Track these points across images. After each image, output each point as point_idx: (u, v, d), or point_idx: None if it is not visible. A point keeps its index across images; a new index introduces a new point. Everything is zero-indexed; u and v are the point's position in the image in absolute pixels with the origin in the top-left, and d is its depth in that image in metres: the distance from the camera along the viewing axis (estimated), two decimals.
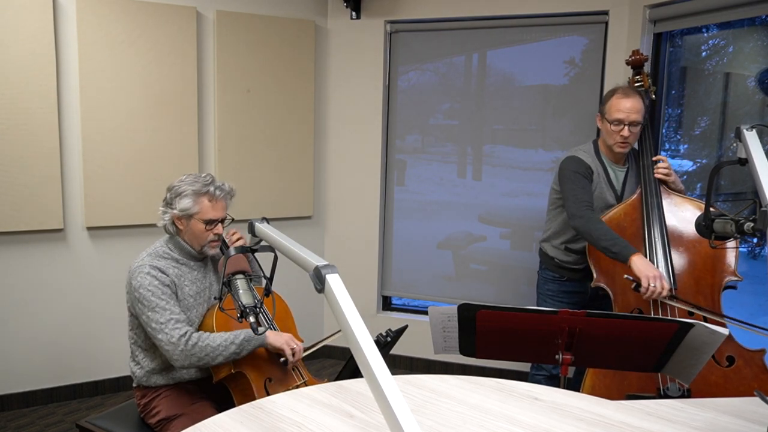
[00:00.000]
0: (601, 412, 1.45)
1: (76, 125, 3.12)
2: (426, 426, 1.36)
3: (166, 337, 1.90)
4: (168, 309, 1.93)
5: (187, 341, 1.90)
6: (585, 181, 2.46)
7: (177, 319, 1.93)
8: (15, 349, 3.13)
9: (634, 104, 2.39)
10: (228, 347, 1.92)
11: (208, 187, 2.03)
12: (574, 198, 2.42)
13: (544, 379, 2.71)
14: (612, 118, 2.42)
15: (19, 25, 2.91)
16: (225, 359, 1.94)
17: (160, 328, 1.91)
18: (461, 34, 3.62)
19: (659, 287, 2.10)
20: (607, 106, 2.46)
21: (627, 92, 2.43)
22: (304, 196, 3.79)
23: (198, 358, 1.90)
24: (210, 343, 1.91)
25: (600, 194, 2.51)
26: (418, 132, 3.85)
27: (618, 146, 2.45)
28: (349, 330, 0.97)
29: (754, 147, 1.55)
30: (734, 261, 2.26)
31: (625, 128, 2.39)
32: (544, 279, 2.76)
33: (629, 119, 2.38)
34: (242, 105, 3.50)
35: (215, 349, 1.91)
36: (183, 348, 1.89)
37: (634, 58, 2.62)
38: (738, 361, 2.17)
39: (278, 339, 2.01)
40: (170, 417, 1.99)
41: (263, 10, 3.53)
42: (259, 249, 1.51)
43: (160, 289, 1.94)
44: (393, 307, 4.04)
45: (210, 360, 1.92)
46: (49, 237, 3.13)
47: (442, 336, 1.88)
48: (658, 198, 2.38)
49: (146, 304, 1.93)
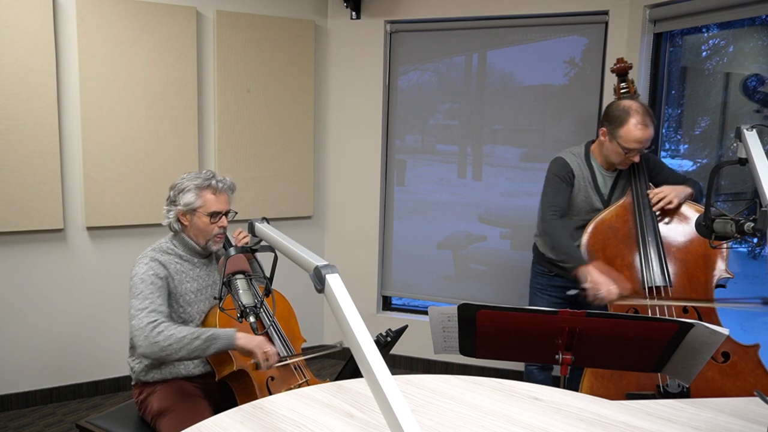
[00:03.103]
0: (601, 412, 1.45)
1: (76, 125, 3.12)
2: (426, 426, 1.36)
3: (137, 322, 1.88)
4: (149, 299, 1.92)
5: (153, 329, 1.86)
6: (562, 185, 2.49)
7: (154, 309, 1.91)
8: (15, 349, 3.13)
9: (651, 134, 2.32)
10: (192, 342, 1.86)
11: (210, 180, 2.06)
12: (547, 201, 2.51)
13: (536, 369, 2.76)
14: (627, 146, 2.33)
15: (19, 25, 2.90)
16: (189, 354, 1.87)
17: (135, 314, 1.90)
18: (461, 34, 3.62)
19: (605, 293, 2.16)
20: (622, 131, 2.32)
21: (645, 120, 2.31)
22: (304, 196, 3.79)
23: (161, 347, 1.85)
24: (175, 334, 1.86)
25: (586, 198, 2.51)
26: (418, 132, 3.85)
27: (621, 165, 2.44)
28: (349, 330, 0.97)
29: (754, 147, 1.55)
30: (725, 258, 2.28)
31: (637, 155, 2.37)
32: (534, 273, 2.80)
33: (642, 148, 2.35)
34: (242, 105, 3.50)
35: (179, 341, 1.85)
36: (148, 334, 1.85)
37: (619, 66, 2.57)
38: (733, 356, 2.19)
39: (249, 342, 1.92)
40: (162, 410, 1.98)
41: (263, 10, 3.53)
42: (259, 249, 1.51)
43: (151, 279, 1.95)
44: (393, 307, 4.04)
45: (173, 352, 1.85)
46: (49, 237, 3.13)
47: (442, 336, 1.88)
48: (649, 198, 2.40)
49: (133, 290, 1.95)
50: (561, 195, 2.48)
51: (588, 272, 2.21)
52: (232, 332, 1.92)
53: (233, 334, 1.92)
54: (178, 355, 1.87)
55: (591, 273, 2.21)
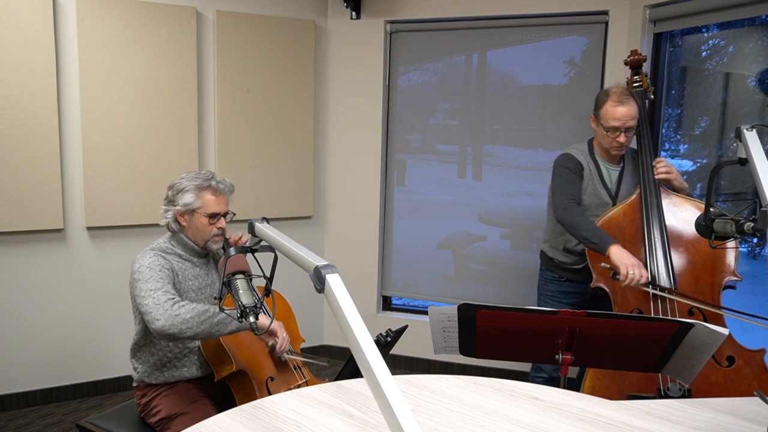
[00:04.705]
0: (601, 412, 1.45)
1: (76, 125, 3.12)
2: (426, 426, 1.36)
3: (153, 300, 1.82)
4: (161, 281, 1.88)
5: (174, 304, 1.82)
6: (573, 176, 2.49)
7: (168, 291, 1.87)
8: (15, 349, 3.13)
9: (630, 110, 2.35)
10: (213, 316, 1.83)
11: (210, 181, 2.05)
12: (560, 191, 2.48)
13: (543, 381, 2.70)
14: (608, 125, 2.39)
15: (19, 25, 2.90)
16: (208, 329, 1.83)
17: (149, 294, 1.84)
18: (461, 34, 3.62)
19: (637, 275, 2.16)
20: (602, 112, 2.41)
21: (621, 98, 2.37)
22: (304, 196, 3.79)
23: (182, 320, 1.79)
24: (197, 307, 1.83)
25: (593, 192, 2.52)
26: (418, 132, 3.85)
27: (614, 150, 2.45)
28: (349, 330, 0.97)
29: (754, 147, 1.54)
30: (734, 261, 2.27)
31: (621, 135, 2.39)
32: (544, 279, 2.76)
33: (625, 126, 2.37)
34: (242, 105, 3.50)
35: (201, 314, 1.81)
36: (168, 309, 1.80)
37: (632, 58, 2.60)
38: (738, 361, 2.18)
39: (273, 324, 2.00)
40: (171, 416, 1.99)
41: (263, 10, 3.53)
42: (259, 249, 1.51)
43: (159, 267, 1.93)
44: (393, 307, 4.04)
45: (194, 325, 1.80)
46: (49, 237, 3.13)
47: (442, 336, 1.88)
48: (658, 198, 2.38)
49: (141, 277, 1.89)
50: (574, 185, 2.48)
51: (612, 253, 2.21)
52: None
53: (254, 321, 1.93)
54: (199, 330, 1.81)
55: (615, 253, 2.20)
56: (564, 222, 2.43)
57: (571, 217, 2.39)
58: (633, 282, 2.16)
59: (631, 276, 2.15)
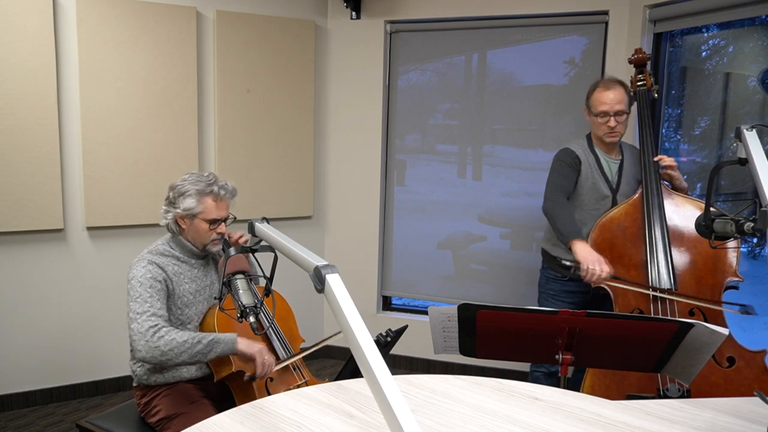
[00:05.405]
0: (601, 412, 1.45)
1: (76, 125, 3.12)
2: (426, 426, 1.36)
3: (137, 326, 1.86)
4: (149, 302, 1.90)
5: (154, 333, 1.85)
6: (568, 169, 2.54)
7: (154, 313, 1.89)
8: (15, 348, 3.13)
9: (617, 95, 2.44)
10: (194, 346, 1.86)
11: (212, 186, 2.04)
12: (551, 183, 2.56)
13: (542, 375, 2.74)
14: (597, 111, 2.48)
15: (19, 25, 2.90)
16: (189, 358, 1.87)
17: (135, 318, 1.87)
18: (461, 34, 3.62)
19: (598, 270, 2.22)
20: (591, 99, 2.51)
21: (608, 84, 2.48)
22: (304, 196, 3.79)
23: (161, 351, 1.83)
24: (176, 339, 1.85)
25: (593, 184, 2.54)
26: (418, 132, 3.85)
27: (607, 137, 2.50)
28: (349, 330, 0.97)
29: (754, 147, 1.54)
30: (735, 261, 2.27)
31: (611, 119, 2.46)
32: (546, 278, 2.76)
33: (614, 110, 2.44)
34: (242, 105, 3.50)
35: (180, 345, 1.85)
36: (148, 339, 1.84)
37: (636, 56, 2.62)
38: (739, 362, 2.17)
39: (251, 347, 1.93)
40: (170, 416, 1.99)
41: (263, 10, 3.53)
42: (259, 249, 1.51)
43: (150, 282, 1.93)
44: (393, 307, 4.04)
45: (173, 356, 1.85)
46: (49, 237, 3.13)
47: (442, 336, 1.88)
48: (659, 198, 2.38)
49: (132, 294, 1.92)
50: (567, 179, 2.54)
51: (575, 247, 2.28)
52: (233, 337, 1.93)
53: (234, 338, 1.93)
54: (179, 360, 1.87)
55: (578, 248, 2.28)
56: (546, 212, 2.52)
57: (553, 209, 2.47)
58: (594, 277, 2.22)
59: (592, 271, 2.22)
